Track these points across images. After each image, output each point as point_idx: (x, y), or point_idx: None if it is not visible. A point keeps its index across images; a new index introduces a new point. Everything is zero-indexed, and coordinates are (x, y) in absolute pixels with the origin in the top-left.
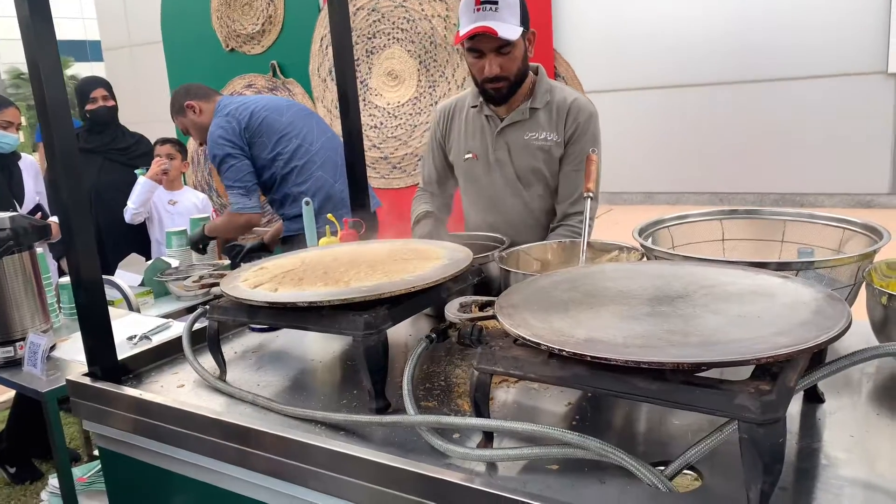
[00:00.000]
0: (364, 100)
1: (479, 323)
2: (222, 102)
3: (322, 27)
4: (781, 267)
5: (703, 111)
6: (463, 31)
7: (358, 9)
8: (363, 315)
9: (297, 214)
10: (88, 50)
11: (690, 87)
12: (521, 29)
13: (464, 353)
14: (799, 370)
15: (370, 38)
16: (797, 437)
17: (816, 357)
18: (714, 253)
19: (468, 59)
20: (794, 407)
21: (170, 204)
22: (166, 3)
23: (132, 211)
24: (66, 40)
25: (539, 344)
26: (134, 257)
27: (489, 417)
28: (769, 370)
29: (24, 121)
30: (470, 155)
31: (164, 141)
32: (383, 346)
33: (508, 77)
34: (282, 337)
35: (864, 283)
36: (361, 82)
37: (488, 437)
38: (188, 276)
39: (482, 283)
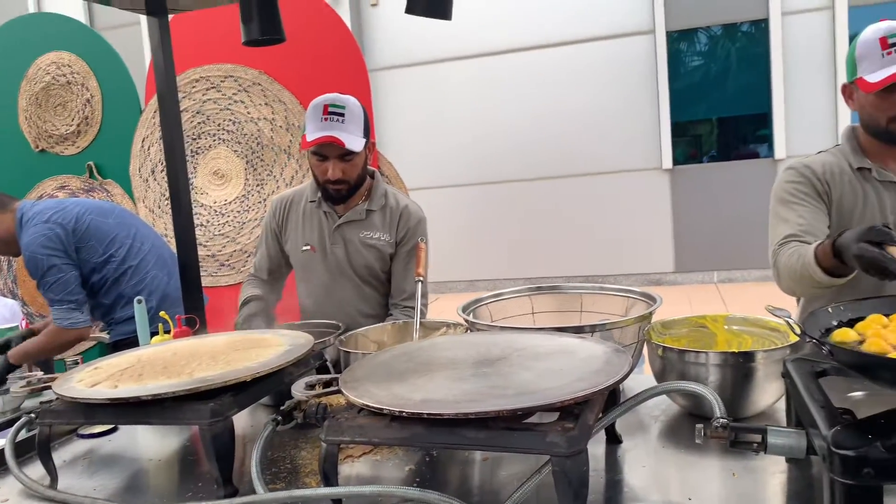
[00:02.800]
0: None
1: (322, 401)
2: (28, 209)
3: (144, 128)
4: (578, 331)
5: (512, 205)
6: (310, 137)
7: (183, 111)
8: (209, 403)
9: (129, 317)
10: None
11: (500, 184)
12: (365, 140)
13: (307, 435)
14: (596, 410)
15: (195, 139)
16: (603, 473)
17: (611, 399)
18: (525, 323)
19: (312, 160)
20: (599, 448)
21: None
22: None
23: None
24: None
25: (381, 409)
26: None
27: (338, 486)
28: (572, 412)
29: None
30: (308, 247)
31: None
32: (230, 433)
33: (349, 181)
34: (114, 440)
35: (646, 340)
36: None
37: None
38: None
39: (322, 367)
